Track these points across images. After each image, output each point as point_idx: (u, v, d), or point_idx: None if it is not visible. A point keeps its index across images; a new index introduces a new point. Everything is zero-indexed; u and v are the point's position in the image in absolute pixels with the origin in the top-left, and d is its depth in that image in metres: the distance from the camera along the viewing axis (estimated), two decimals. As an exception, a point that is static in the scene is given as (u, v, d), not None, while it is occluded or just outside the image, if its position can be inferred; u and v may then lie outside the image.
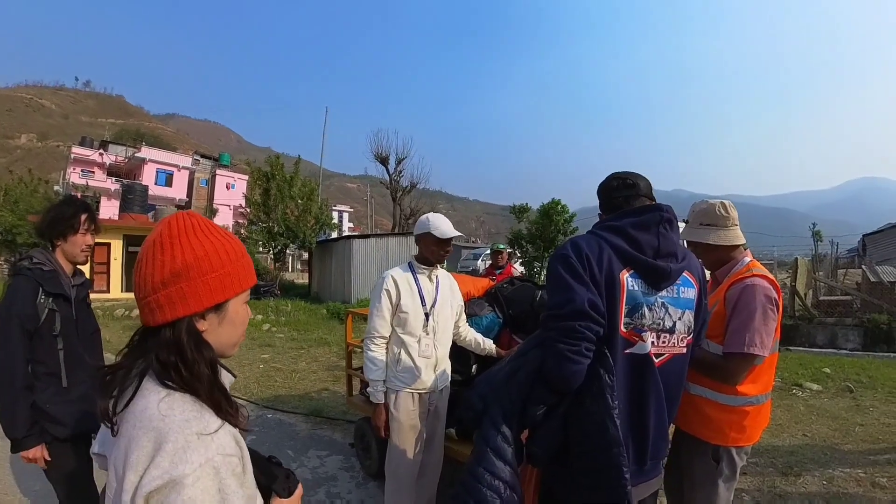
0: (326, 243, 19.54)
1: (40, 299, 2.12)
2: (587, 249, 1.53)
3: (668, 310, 1.59)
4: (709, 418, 2.10)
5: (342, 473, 4.02)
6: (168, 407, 0.81)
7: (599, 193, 1.80)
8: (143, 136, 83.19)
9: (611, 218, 1.66)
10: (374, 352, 2.70)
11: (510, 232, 20.34)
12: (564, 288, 1.48)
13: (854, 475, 3.94)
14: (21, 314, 2.06)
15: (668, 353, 1.61)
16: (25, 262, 2.19)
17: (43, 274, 2.16)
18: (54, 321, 2.16)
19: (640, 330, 1.54)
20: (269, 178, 18.96)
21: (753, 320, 1.96)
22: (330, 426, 5.11)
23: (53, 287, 2.17)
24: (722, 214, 2.19)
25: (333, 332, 11.05)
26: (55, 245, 2.26)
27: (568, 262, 1.51)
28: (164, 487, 0.74)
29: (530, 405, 1.53)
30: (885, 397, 6.21)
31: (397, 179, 23.35)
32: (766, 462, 4.17)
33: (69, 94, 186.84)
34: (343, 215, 64.74)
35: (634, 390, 1.56)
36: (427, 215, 2.87)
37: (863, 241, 24.68)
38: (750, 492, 3.70)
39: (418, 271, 2.81)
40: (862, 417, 5.40)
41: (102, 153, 41.54)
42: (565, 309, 1.44)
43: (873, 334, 11.38)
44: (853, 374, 7.37)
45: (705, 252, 2.22)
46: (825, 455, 4.34)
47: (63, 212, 2.25)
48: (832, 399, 6.17)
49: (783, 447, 4.51)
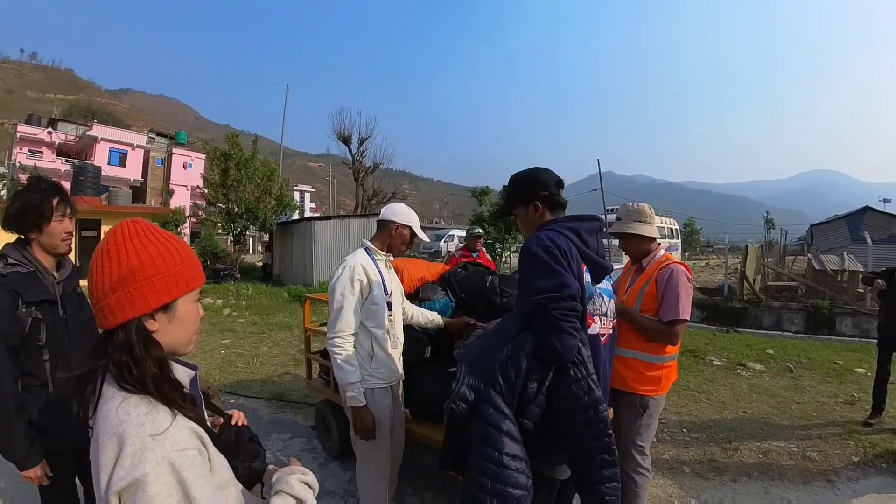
0: (287, 225, 19.26)
1: (21, 309, 1.88)
2: (563, 243, 1.76)
3: (603, 298, 1.95)
4: (642, 374, 2.62)
5: (305, 455, 4.06)
6: (125, 412, 0.88)
7: (544, 185, 1.97)
8: (94, 112, 79.68)
9: (565, 220, 1.91)
10: (348, 351, 2.47)
11: (472, 214, 20.45)
12: (556, 273, 1.69)
13: (788, 449, 4.21)
14: (2, 331, 1.84)
15: (606, 333, 1.96)
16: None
17: (20, 279, 1.91)
18: (39, 331, 1.94)
19: (592, 314, 1.87)
20: (227, 157, 18.45)
21: (681, 294, 2.54)
22: (292, 410, 5.13)
23: (34, 294, 1.93)
24: (649, 213, 2.78)
25: (295, 316, 10.96)
26: (30, 239, 2.00)
27: (552, 253, 1.72)
28: (130, 487, 0.82)
29: (529, 381, 1.67)
30: (821, 377, 6.60)
31: (360, 159, 23.04)
32: (707, 437, 4.41)
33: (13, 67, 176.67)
34: (305, 196, 63.70)
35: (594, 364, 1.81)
36: (407, 207, 2.73)
37: (811, 230, 25.74)
38: (690, 463, 3.92)
39: (377, 258, 2.64)
40: (799, 396, 5.73)
41: (51, 132, 39.57)
42: (564, 292, 1.66)
43: (816, 318, 11.98)
44: (794, 355, 7.78)
45: (634, 242, 2.79)
46: (763, 430, 4.61)
47: (29, 199, 1.98)
48: (773, 378, 6.51)
49: (724, 423, 4.77)
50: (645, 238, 2.77)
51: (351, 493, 3.40)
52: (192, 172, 37.73)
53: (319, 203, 72.91)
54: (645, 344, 2.62)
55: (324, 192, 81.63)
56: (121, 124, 61.11)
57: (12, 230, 2.02)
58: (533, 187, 1.98)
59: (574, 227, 1.86)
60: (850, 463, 4.01)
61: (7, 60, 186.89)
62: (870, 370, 6.64)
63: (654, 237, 2.80)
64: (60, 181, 16.41)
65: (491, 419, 1.59)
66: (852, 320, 11.76)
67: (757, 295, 13.26)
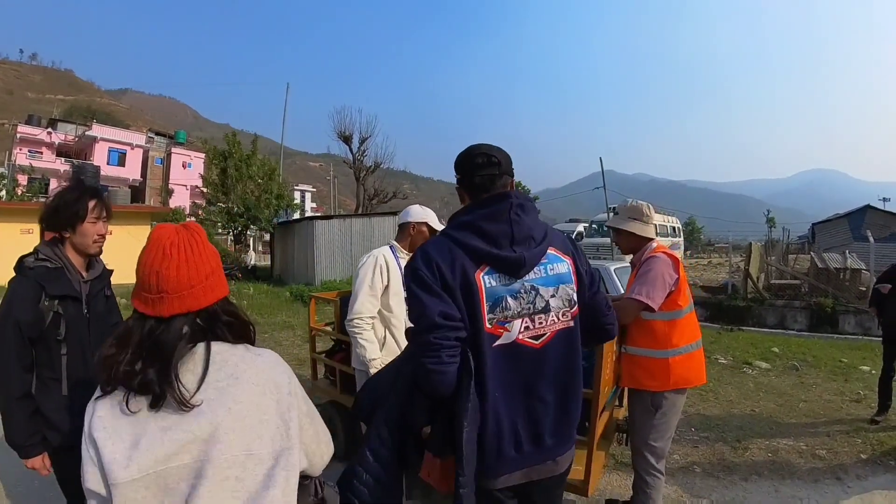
0: (288, 224, 19.22)
1: (43, 302, 1.92)
2: (437, 257, 1.56)
3: (538, 291, 1.61)
4: (649, 371, 2.60)
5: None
6: (257, 353, 1.12)
7: (459, 167, 1.73)
8: (94, 112, 79.54)
9: (461, 213, 1.67)
10: (368, 330, 2.64)
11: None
12: (417, 303, 1.54)
13: (796, 447, 4.19)
14: (19, 320, 1.88)
15: (550, 331, 1.63)
16: (30, 259, 1.98)
17: (46, 273, 1.96)
18: (59, 325, 1.97)
19: (504, 322, 1.57)
20: (227, 156, 18.39)
21: (647, 277, 2.54)
22: (295, 410, 5.08)
23: (58, 288, 1.96)
24: (646, 213, 2.76)
25: (297, 316, 10.92)
26: (63, 237, 2.04)
27: (417, 276, 1.55)
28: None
29: (416, 410, 1.64)
30: (826, 375, 6.58)
31: (361, 159, 22.96)
32: (716, 436, 4.38)
33: (13, 68, 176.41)
34: (305, 195, 63.69)
35: (514, 376, 1.59)
36: (420, 206, 2.92)
37: (812, 229, 25.74)
38: (700, 463, 3.90)
39: (400, 255, 2.83)
40: (805, 394, 5.71)
41: (51, 132, 39.62)
42: (421, 324, 1.51)
43: (819, 316, 11.96)
44: (799, 353, 7.76)
45: (625, 238, 2.79)
46: (771, 429, 4.59)
47: (66, 198, 2.03)
48: (779, 377, 6.49)
49: (732, 421, 4.74)
50: (637, 236, 2.76)
51: (357, 494, 3.37)
52: (192, 172, 37.73)
53: (320, 203, 72.86)
54: (648, 339, 2.63)
55: (324, 192, 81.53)
56: (121, 124, 61.02)
57: (49, 228, 2.04)
58: (456, 173, 1.75)
59: (468, 220, 1.62)
60: (859, 460, 3.99)
61: (7, 61, 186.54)
62: (874, 368, 6.61)
63: (644, 236, 2.77)
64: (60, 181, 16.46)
65: (365, 433, 1.71)
66: (855, 318, 11.75)
67: (761, 293, 13.23)
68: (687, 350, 2.64)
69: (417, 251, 1.65)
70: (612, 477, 3.58)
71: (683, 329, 2.65)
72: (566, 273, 1.67)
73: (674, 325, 2.62)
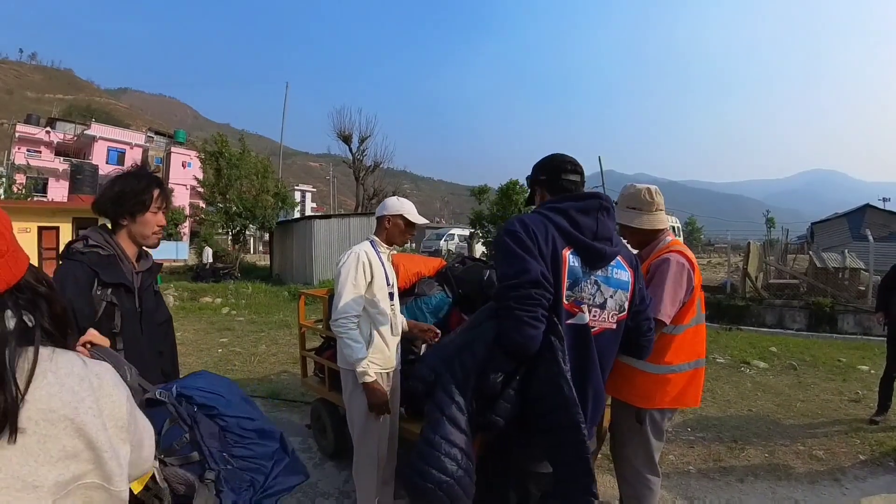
0: (287, 224, 19.18)
1: (96, 290, 1.76)
2: (534, 226, 1.64)
3: (600, 287, 1.71)
4: (635, 384, 2.29)
5: (300, 455, 3.95)
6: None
7: (546, 170, 1.89)
8: (93, 112, 79.46)
9: (554, 200, 1.78)
10: (354, 329, 2.56)
11: (471, 213, 20.42)
12: (518, 259, 1.57)
13: (794, 448, 4.14)
14: (75, 308, 1.66)
15: (600, 326, 1.73)
16: (79, 245, 1.83)
17: (99, 259, 1.80)
18: (113, 316, 1.79)
19: (579, 302, 1.67)
20: (219, 156, 18.29)
21: (662, 289, 2.16)
22: (288, 408, 5.05)
23: (112, 276, 1.81)
24: (647, 200, 2.34)
25: (294, 315, 10.84)
26: (120, 225, 1.90)
27: (517, 237, 1.61)
28: None
29: (490, 372, 1.59)
30: (825, 375, 6.53)
31: (360, 158, 22.98)
32: (713, 436, 4.33)
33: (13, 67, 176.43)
34: (306, 195, 63.60)
35: (576, 357, 1.65)
36: (396, 198, 2.84)
37: (811, 228, 25.73)
38: (696, 464, 3.84)
39: (381, 250, 2.77)
40: (803, 394, 5.67)
41: (49, 131, 39.52)
42: (522, 278, 1.54)
43: (818, 316, 11.91)
44: (797, 353, 7.71)
45: (631, 234, 2.41)
46: (768, 429, 4.53)
47: (131, 185, 1.88)
48: (777, 376, 6.44)
49: (729, 422, 4.69)
50: (640, 230, 2.37)
51: (346, 493, 3.32)
52: (191, 171, 37.65)
53: (321, 203, 72.88)
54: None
55: (324, 192, 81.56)
56: (120, 124, 60.89)
57: (106, 214, 1.91)
58: (535, 172, 1.94)
59: (561, 207, 1.73)
60: (857, 461, 3.93)
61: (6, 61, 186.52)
62: (873, 367, 6.59)
63: (651, 229, 2.36)
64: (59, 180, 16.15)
65: (438, 400, 1.59)
66: (854, 318, 11.69)
67: (759, 292, 13.18)
68: (682, 369, 2.29)
69: (515, 220, 1.69)
70: (606, 478, 3.52)
71: (682, 345, 2.29)
72: (626, 282, 1.78)
73: (671, 339, 2.27)
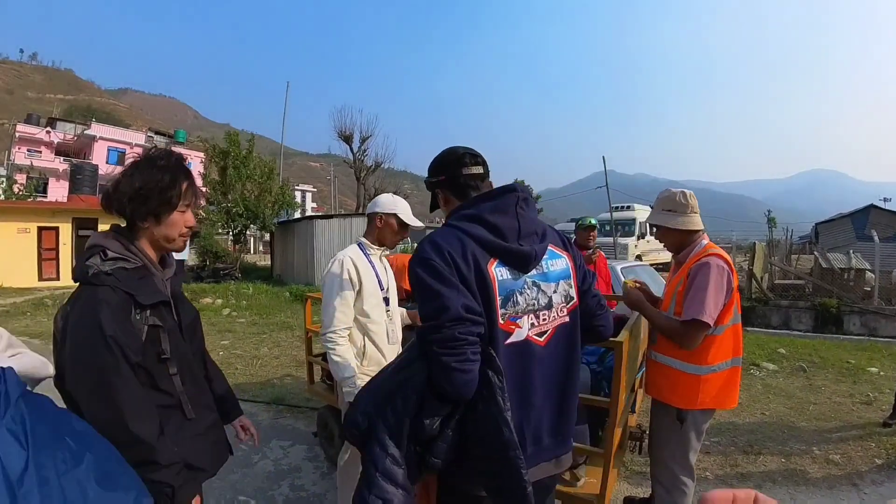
0: (288, 224, 19.11)
1: (135, 316, 1.46)
2: (448, 247, 1.45)
3: (540, 287, 1.56)
4: (676, 385, 2.36)
5: (306, 464, 3.88)
6: None
7: (443, 167, 1.69)
8: (94, 112, 79.34)
9: (465, 206, 1.59)
10: (342, 345, 2.40)
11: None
12: (434, 295, 1.40)
13: (809, 452, 4.06)
14: (120, 344, 1.39)
15: (551, 327, 1.57)
16: (96, 260, 1.46)
17: (128, 276, 1.47)
18: (160, 340, 1.52)
19: (515, 318, 1.50)
20: (226, 155, 18.22)
21: (706, 292, 2.21)
22: (293, 414, 4.95)
23: (150, 295, 1.50)
24: (681, 202, 2.47)
25: (297, 316, 10.80)
26: (140, 227, 1.56)
27: (430, 266, 1.43)
28: None
29: (424, 418, 1.43)
30: (835, 377, 6.43)
31: (361, 158, 22.95)
32: (728, 441, 4.25)
33: (13, 68, 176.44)
34: (306, 195, 63.51)
35: (520, 375, 1.52)
36: (390, 195, 2.67)
37: (815, 228, 25.69)
38: (713, 470, 3.77)
39: (371, 252, 2.61)
40: (815, 396, 5.57)
41: (50, 131, 39.48)
42: (441, 318, 1.37)
43: (824, 317, 11.85)
44: (806, 354, 7.61)
45: (666, 235, 2.51)
46: (783, 433, 4.45)
47: (155, 179, 1.52)
48: (787, 378, 6.35)
49: (743, 426, 4.61)
50: (678, 231, 2.48)
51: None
52: (192, 171, 37.56)
53: (321, 203, 72.84)
54: (678, 350, 2.36)
55: (325, 192, 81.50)
56: (121, 124, 60.88)
57: (123, 214, 1.55)
58: (432, 172, 1.71)
59: (473, 213, 1.54)
60: (874, 466, 3.85)
61: (7, 61, 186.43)
62: (883, 369, 6.51)
63: (686, 229, 2.48)
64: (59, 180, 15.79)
65: (370, 454, 1.43)
66: (860, 319, 11.64)
67: (765, 293, 13.11)
68: (721, 368, 2.37)
69: (424, 241, 1.52)
70: (623, 486, 3.45)
71: (721, 345, 2.37)
72: (566, 269, 1.63)
73: (713, 340, 2.34)
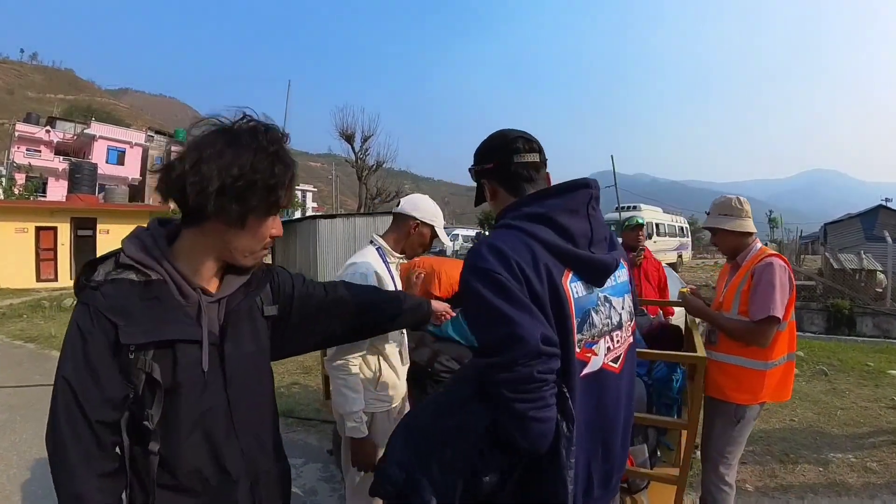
0: (290, 224, 18.93)
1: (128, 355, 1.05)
2: (516, 256, 1.13)
3: (612, 304, 1.29)
4: (740, 382, 2.43)
5: (322, 485, 3.60)
6: None
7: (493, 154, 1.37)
8: (94, 112, 79.15)
9: (527, 202, 1.27)
10: (355, 374, 2.03)
11: (481, 213, 20.26)
12: (502, 321, 1.09)
13: (846, 460, 3.90)
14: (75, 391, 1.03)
15: (623, 350, 1.32)
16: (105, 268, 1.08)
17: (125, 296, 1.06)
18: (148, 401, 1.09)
19: (591, 343, 1.23)
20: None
21: (774, 290, 2.32)
22: (304, 428, 4.64)
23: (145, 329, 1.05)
24: (737, 207, 2.61)
25: (300, 317, 10.61)
26: (205, 227, 1.10)
27: (497, 282, 1.10)
28: None
29: (483, 475, 1.15)
30: (857, 381, 6.27)
31: (363, 158, 22.80)
32: (762, 449, 4.09)
33: (13, 67, 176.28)
34: (307, 195, 63.34)
35: (593, 411, 1.24)
36: (432, 202, 2.28)
37: (824, 229, 25.59)
38: (752, 482, 3.60)
39: (391, 261, 2.20)
40: (840, 401, 5.42)
41: (49, 130, 39.36)
42: (515, 352, 1.06)
43: (836, 318, 11.73)
44: (824, 357, 7.45)
45: (724, 238, 2.63)
46: (815, 440, 4.30)
47: (262, 167, 1.05)
48: (809, 382, 6.19)
49: (775, 433, 4.45)
50: (735, 233, 2.60)
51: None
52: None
53: (321, 203, 72.72)
54: (744, 348, 2.43)
55: (325, 192, 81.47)
56: (121, 124, 60.61)
57: (183, 204, 1.07)
58: (480, 159, 1.40)
59: (541, 212, 1.22)
60: (913, 473, 3.69)
61: (7, 60, 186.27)
62: (903, 372, 6.35)
63: (747, 231, 2.60)
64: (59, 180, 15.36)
65: None
66: (873, 320, 11.52)
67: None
68: (781, 362, 2.49)
69: (484, 248, 1.17)
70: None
71: (783, 339, 2.48)
72: (628, 280, 1.38)
73: (777, 335, 2.44)
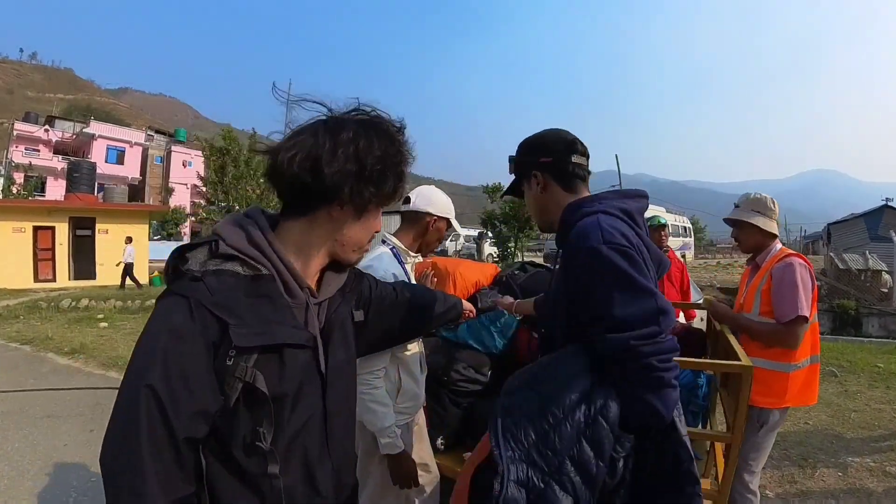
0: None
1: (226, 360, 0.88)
2: (629, 236, 1.21)
3: None
4: (765, 385, 2.34)
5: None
6: None
7: (551, 147, 1.41)
8: (93, 111, 79.09)
9: (612, 196, 1.35)
10: (380, 388, 1.86)
11: (483, 212, 20.20)
12: (642, 293, 1.14)
13: (864, 464, 3.80)
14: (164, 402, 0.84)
15: None
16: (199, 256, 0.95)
17: (233, 289, 0.92)
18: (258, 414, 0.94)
19: None
20: (224, 153, 17.85)
21: (798, 289, 2.29)
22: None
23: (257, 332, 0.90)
24: (770, 206, 2.59)
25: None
26: (317, 217, 1.03)
27: (629, 255, 1.15)
28: None
29: (618, 463, 1.11)
30: (868, 382, 6.17)
31: (363, 156, 22.73)
32: (780, 454, 3.98)
33: (13, 67, 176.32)
34: (307, 197, 63.38)
35: None
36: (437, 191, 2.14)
37: (828, 229, 25.51)
38: (772, 488, 3.51)
39: (406, 261, 2.04)
40: (853, 403, 5.33)
41: (48, 129, 39.26)
42: (661, 324, 1.12)
43: (842, 319, 11.61)
44: (833, 358, 7.33)
45: (750, 234, 2.60)
46: (832, 444, 4.20)
47: (392, 153, 1.02)
48: (820, 384, 6.09)
49: (790, 437, 4.35)
50: (762, 231, 2.57)
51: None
52: (192, 170, 37.37)
53: (320, 202, 72.64)
54: (767, 350, 2.38)
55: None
56: (121, 123, 60.55)
57: (300, 192, 1.02)
58: (535, 151, 1.44)
59: (625, 206, 1.30)
60: (934, 477, 3.58)
61: (7, 60, 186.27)
62: (913, 373, 6.21)
63: (772, 233, 2.58)
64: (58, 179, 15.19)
65: None
66: (879, 320, 11.39)
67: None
68: (804, 365, 2.44)
69: (602, 224, 1.19)
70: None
71: (805, 340, 2.42)
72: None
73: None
